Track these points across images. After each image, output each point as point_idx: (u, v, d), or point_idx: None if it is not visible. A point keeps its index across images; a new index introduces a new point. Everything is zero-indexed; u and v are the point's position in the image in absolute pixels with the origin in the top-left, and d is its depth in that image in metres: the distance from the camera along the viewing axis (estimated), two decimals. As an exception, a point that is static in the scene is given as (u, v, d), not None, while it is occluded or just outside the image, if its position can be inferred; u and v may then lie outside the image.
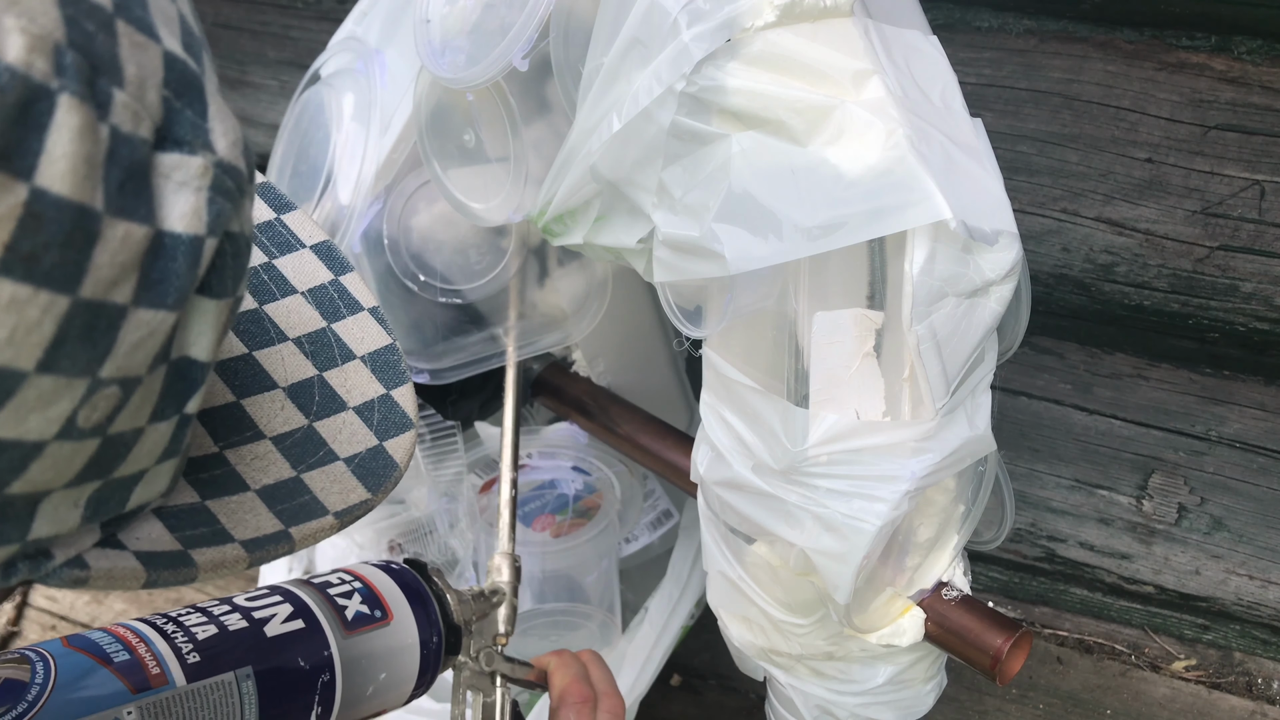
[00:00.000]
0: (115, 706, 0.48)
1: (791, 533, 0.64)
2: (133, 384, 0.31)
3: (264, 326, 0.45)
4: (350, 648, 0.57)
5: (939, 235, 0.57)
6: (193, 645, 0.52)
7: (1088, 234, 1.00)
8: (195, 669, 0.52)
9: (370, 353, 0.47)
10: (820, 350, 0.62)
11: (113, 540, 0.35)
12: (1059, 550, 1.14)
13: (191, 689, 0.51)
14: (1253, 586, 1.08)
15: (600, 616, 0.94)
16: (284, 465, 0.41)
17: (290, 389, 0.44)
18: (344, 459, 0.42)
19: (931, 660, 0.74)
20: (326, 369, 0.45)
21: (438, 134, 0.79)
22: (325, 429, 0.43)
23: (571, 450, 1.00)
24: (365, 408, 0.45)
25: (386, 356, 0.47)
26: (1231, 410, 1.03)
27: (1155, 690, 1.09)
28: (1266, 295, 0.96)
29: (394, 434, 0.44)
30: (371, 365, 0.46)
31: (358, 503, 0.42)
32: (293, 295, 0.47)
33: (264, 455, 0.41)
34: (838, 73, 0.59)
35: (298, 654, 0.56)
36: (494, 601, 0.72)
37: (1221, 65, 0.91)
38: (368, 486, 0.42)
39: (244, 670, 0.53)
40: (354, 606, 0.59)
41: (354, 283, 0.49)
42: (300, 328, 0.46)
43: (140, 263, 0.29)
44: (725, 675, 1.09)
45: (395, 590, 0.62)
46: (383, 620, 0.60)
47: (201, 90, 0.31)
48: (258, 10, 1.29)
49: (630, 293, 0.94)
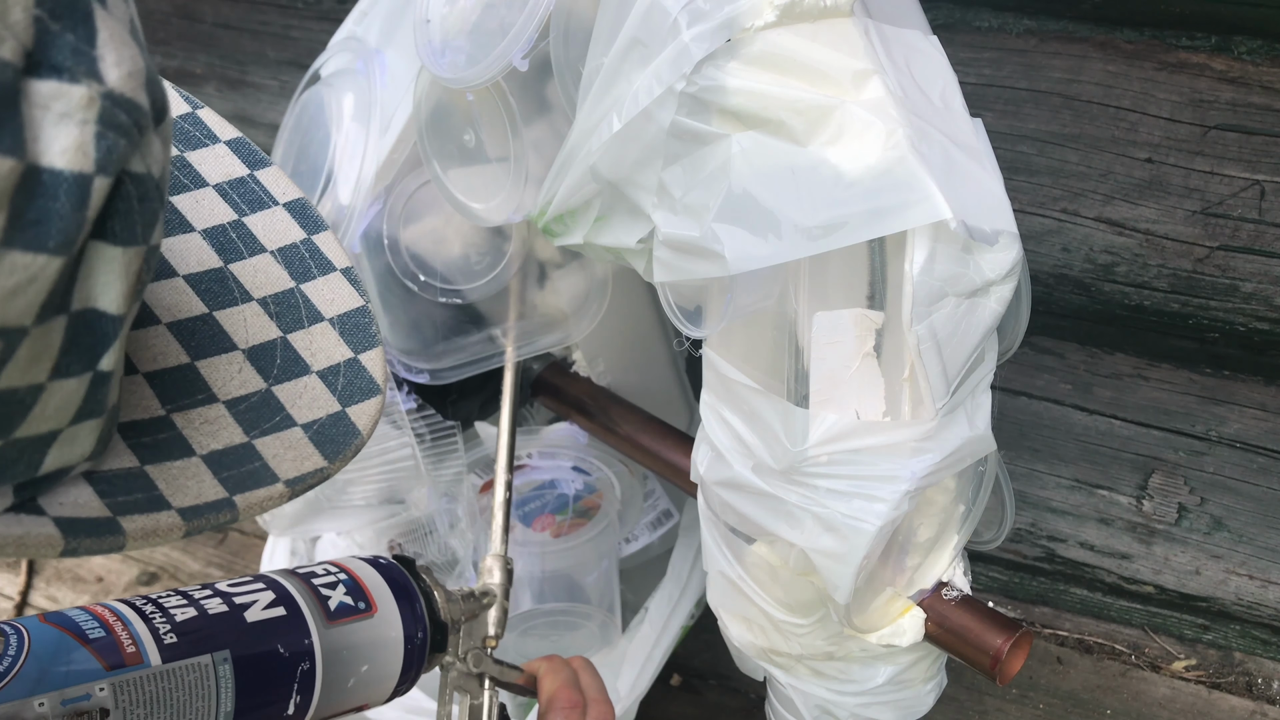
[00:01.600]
0: (88, 682, 0.48)
1: (791, 533, 0.64)
2: (16, 335, 0.29)
3: (228, 286, 0.44)
4: (332, 638, 0.57)
5: (939, 235, 0.57)
6: (170, 626, 0.52)
7: (1088, 234, 0.99)
8: (172, 649, 0.52)
9: (340, 315, 0.45)
10: (820, 350, 0.62)
11: (30, 505, 0.34)
12: (1059, 550, 1.14)
13: (167, 669, 0.51)
14: (1253, 586, 1.08)
15: (600, 616, 0.94)
16: (236, 430, 0.40)
17: (251, 351, 0.42)
18: (301, 425, 0.41)
19: (931, 660, 0.74)
20: (291, 331, 0.44)
21: (438, 134, 0.79)
22: (284, 393, 0.41)
23: (571, 450, 1.00)
24: (330, 372, 0.43)
25: (357, 319, 0.45)
26: (1231, 410, 1.03)
27: (1155, 690, 1.09)
28: (1266, 295, 0.96)
29: (359, 399, 0.43)
30: (340, 328, 0.45)
31: (311, 471, 0.40)
32: (261, 254, 0.45)
33: (215, 419, 0.40)
34: (838, 73, 0.59)
35: (278, 641, 0.56)
36: (484, 603, 0.72)
37: (1221, 65, 0.91)
38: (325, 454, 0.41)
39: (221, 654, 0.53)
40: (338, 597, 0.59)
41: (327, 242, 0.47)
42: (267, 288, 0.45)
43: (10, 200, 0.27)
44: (725, 675, 1.09)
45: (381, 584, 0.62)
46: (366, 612, 0.60)
47: (89, 14, 0.29)
48: (258, 10, 1.29)
49: (630, 293, 0.94)
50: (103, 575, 1.30)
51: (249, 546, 1.32)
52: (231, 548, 1.33)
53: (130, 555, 1.32)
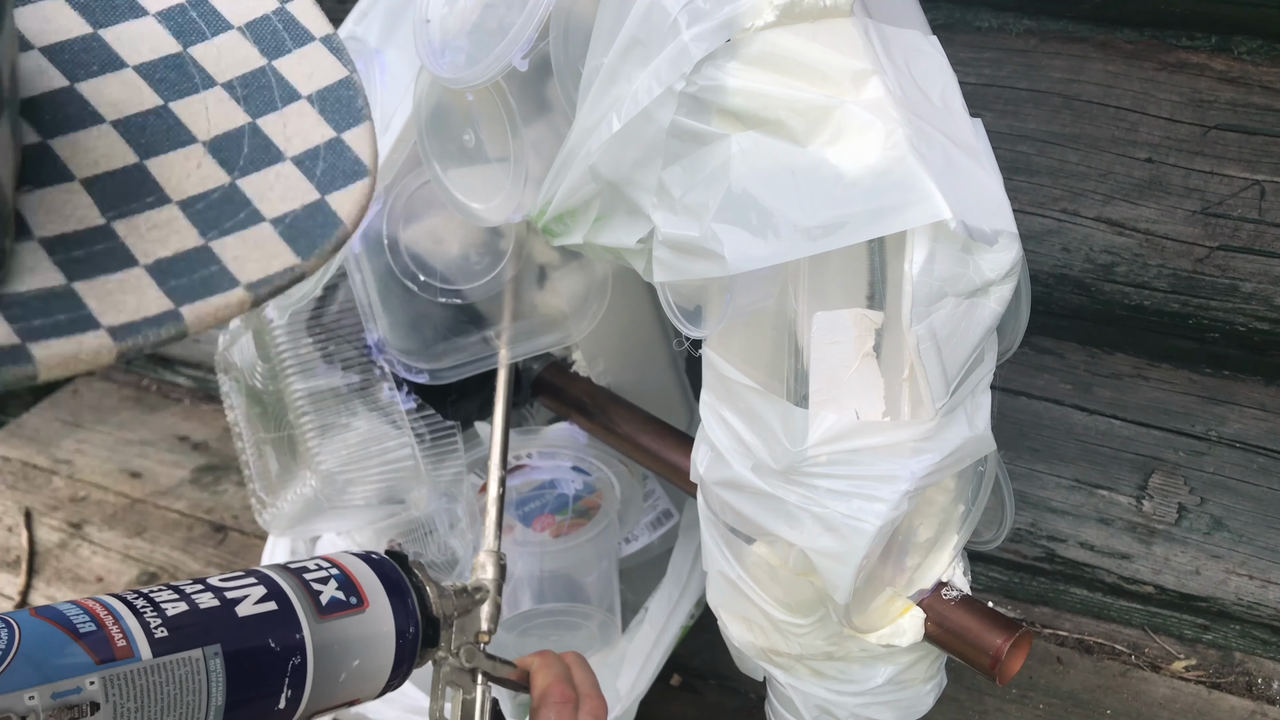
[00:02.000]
0: (78, 675, 0.48)
1: (791, 533, 0.64)
2: None
3: (186, 72, 0.38)
4: (323, 632, 0.57)
5: (939, 235, 0.57)
6: (161, 620, 0.52)
7: (1088, 234, 0.99)
8: (163, 643, 0.52)
9: (320, 90, 0.39)
10: (820, 350, 0.62)
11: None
12: (1059, 550, 1.14)
13: (158, 663, 0.51)
14: (1253, 586, 1.08)
15: (600, 616, 0.94)
16: (190, 233, 0.35)
17: (213, 143, 0.37)
18: (270, 219, 0.36)
19: (931, 660, 0.74)
20: (262, 115, 0.38)
21: (437, 134, 0.79)
22: (251, 185, 0.36)
23: (571, 450, 1.00)
24: (307, 156, 0.37)
25: (339, 92, 0.39)
26: (1231, 410, 1.03)
27: (1155, 690, 1.09)
28: (1266, 295, 0.96)
29: (341, 184, 0.37)
30: (320, 105, 0.39)
31: (280, 270, 0.35)
32: (227, 32, 0.40)
33: (166, 223, 0.35)
34: (837, 73, 0.59)
35: (269, 635, 0.55)
36: (477, 598, 0.72)
37: (1221, 65, 0.91)
38: (296, 250, 0.35)
39: (212, 648, 0.53)
40: (329, 592, 0.59)
41: (304, 9, 0.41)
42: (233, 69, 0.39)
43: None
44: (725, 675, 1.09)
45: (373, 579, 0.62)
46: (358, 607, 0.60)
47: None
48: (258, 10, 1.29)
49: (630, 293, 0.94)
50: (102, 575, 1.30)
51: (249, 547, 1.32)
52: (231, 548, 1.33)
53: (130, 555, 1.32)
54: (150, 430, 1.54)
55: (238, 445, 0.99)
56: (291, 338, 0.89)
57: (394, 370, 0.89)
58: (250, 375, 0.93)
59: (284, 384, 0.89)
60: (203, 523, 1.37)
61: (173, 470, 1.46)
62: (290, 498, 0.91)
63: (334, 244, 0.36)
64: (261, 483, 0.95)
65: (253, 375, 0.93)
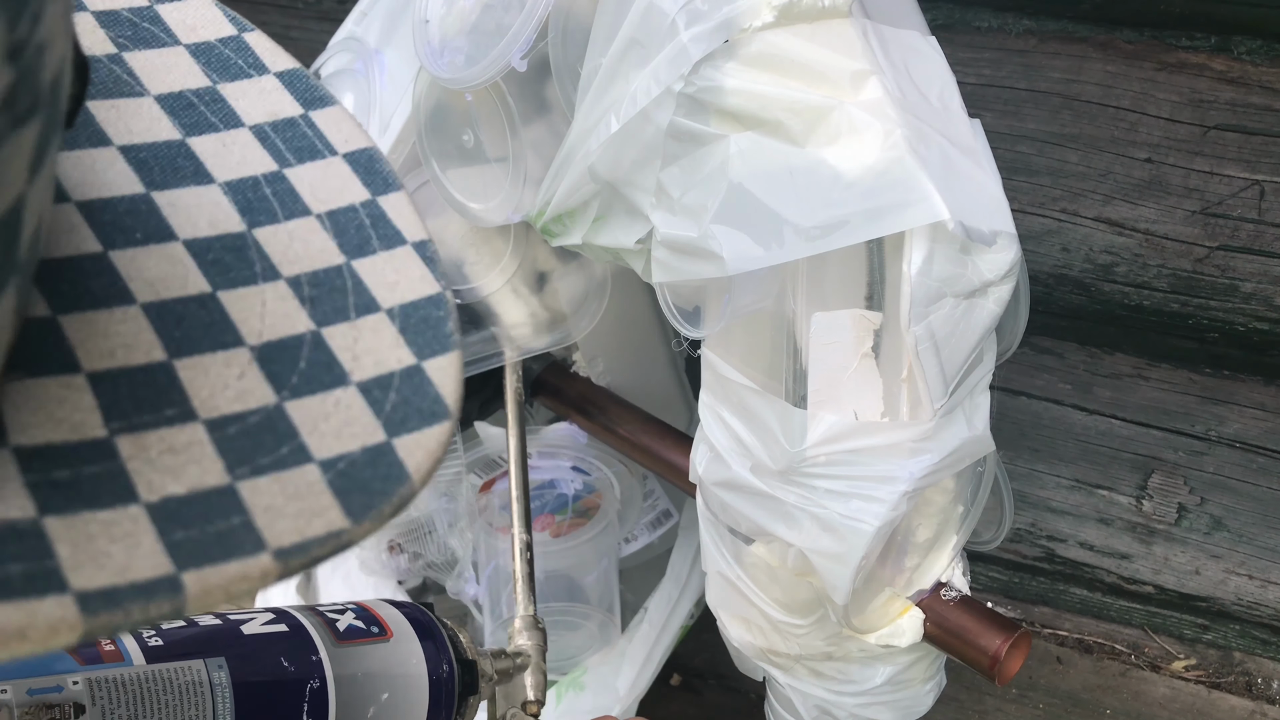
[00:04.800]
0: (59, 674, 0.46)
1: (790, 533, 0.64)
2: None
3: (246, 257, 0.31)
4: (343, 658, 0.54)
5: (937, 236, 0.57)
6: (156, 630, 0.50)
7: (1087, 234, 0.99)
8: (157, 651, 0.49)
9: (404, 304, 0.32)
10: (818, 351, 0.62)
11: None
12: (1059, 550, 1.14)
13: (153, 670, 0.48)
14: (1253, 586, 1.08)
15: (600, 616, 0.94)
16: (214, 465, 0.26)
17: (263, 349, 0.29)
18: (319, 461, 0.27)
19: (930, 660, 0.74)
20: (329, 323, 0.31)
21: (436, 134, 0.79)
22: (302, 412, 0.28)
23: (571, 450, 1.00)
24: (377, 384, 0.29)
25: (427, 311, 0.31)
26: (1231, 410, 1.03)
27: (1155, 690, 1.09)
28: (1266, 295, 0.96)
29: (414, 426, 0.29)
30: (402, 322, 0.31)
31: (321, 535, 0.26)
32: (304, 217, 0.33)
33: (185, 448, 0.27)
34: (836, 73, 0.59)
35: (280, 654, 0.52)
36: (518, 663, 0.67)
37: (1221, 65, 0.91)
38: (347, 508, 0.27)
39: (216, 660, 0.50)
40: (346, 620, 0.56)
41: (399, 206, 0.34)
42: (303, 263, 0.32)
43: None
44: (725, 675, 1.09)
45: (396, 614, 0.59)
46: (380, 636, 0.56)
47: None
48: (258, 10, 1.29)
49: (629, 293, 0.94)
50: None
51: (249, 546, 1.32)
52: (232, 547, 1.33)
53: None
54: (151, 430, 1.54)
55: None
56: (291, 338, 0.89)
57: (393, 370, 0.88)
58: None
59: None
60: (203, 522, 1.37)
61: (173, 470, 1.46)
62: (290, 498, 0.91)
63: (394, 506, 0.27)
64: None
65: (252, 375, 0.93)
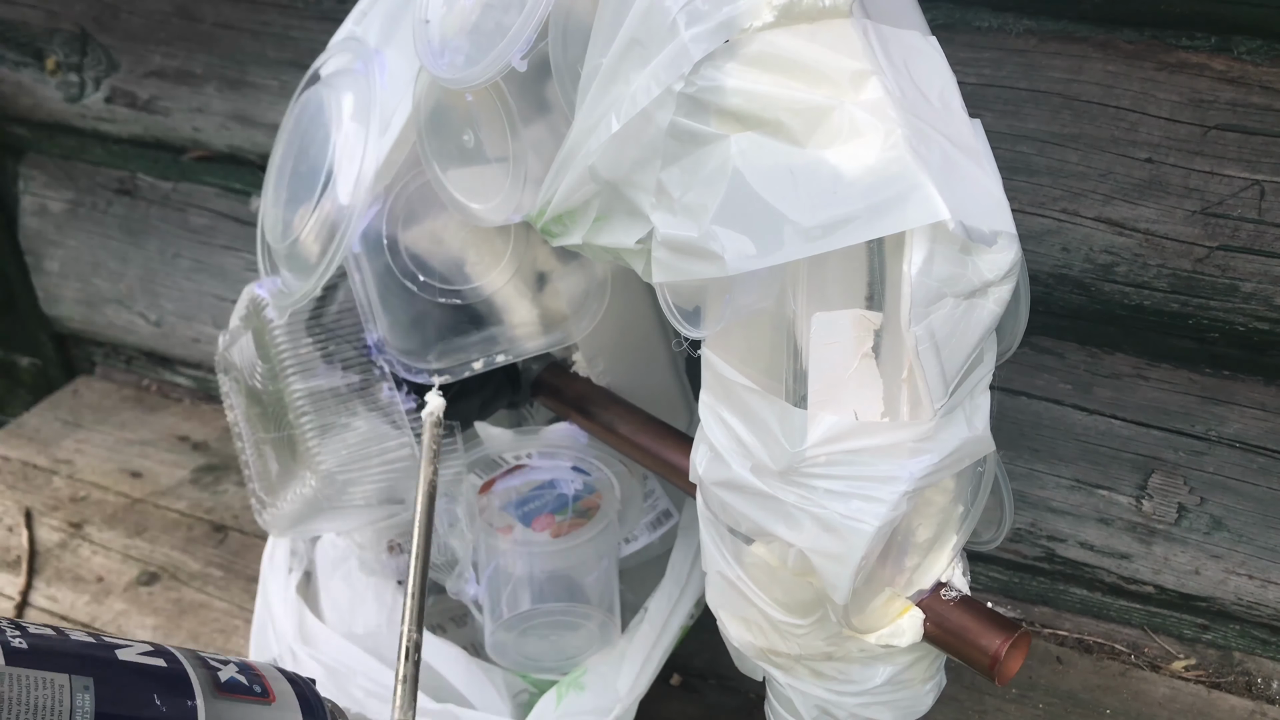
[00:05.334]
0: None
1: (790, 533, 0.64)
2: None
3: None
4: (220, 711, 0.49)
5: (937, 236, 0.57)
6: (21, 634, 0.46)
7: (1087, 234, 0.99)
8: (18, 655, 0.44)
9: None
10: (819, 351, 0.62)
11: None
12: (1059, 550, 1.14)
13: (10, 672, 0.43)
14: (1253, 586, 1.08)
15: (600, 617, 0.94)
16: None
17: None
18: None
19: (930, 660, 0.74)
20: None
21: (437, 134, 0.79)
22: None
23: (571, 450, 1.00)
24: None
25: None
26: (1231, 410, 1.03)
27: (1155, 690, 1.09)
28: (1266, 295, 0.96)
29: None
30: None
31: None
32: None
33: None
34: (836, 73, 0.59)
35: (154, 690, 0.47)
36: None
37: (1221, 65, 0.91)
38: None
39: (82, 679, 0.45)
40: (229, 672, 0.52)
41: None
42: None
43: None
44: (725, 675, 1.09)
45: (283, 682, 0.55)
46: (263, 697, 0.52)
47: None
48: (258, 10, 1.29)
49: (629, 293, 0.94)
50: (103, 575, 1.30)
51: (249, 547, 1.32)
52: (232, 548, 1.33)
53: (130, 555, 1.32)
54: (150, 430, 1.54)
55: (238, 445, 0.99)
56: (291, 338, 0.89)
57: (394, 370, 0.89)
58: (250, 375, 0.93)
59: (284, 384, 0.89)
60: (203, 523, 1.37)
61: (173, 470, 1.46)
62: (290, 498, 0.92)
63: None
64: (261, 483, 0.96)
65: (253, 375, 0.93)
